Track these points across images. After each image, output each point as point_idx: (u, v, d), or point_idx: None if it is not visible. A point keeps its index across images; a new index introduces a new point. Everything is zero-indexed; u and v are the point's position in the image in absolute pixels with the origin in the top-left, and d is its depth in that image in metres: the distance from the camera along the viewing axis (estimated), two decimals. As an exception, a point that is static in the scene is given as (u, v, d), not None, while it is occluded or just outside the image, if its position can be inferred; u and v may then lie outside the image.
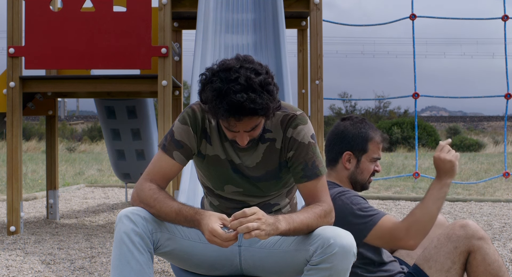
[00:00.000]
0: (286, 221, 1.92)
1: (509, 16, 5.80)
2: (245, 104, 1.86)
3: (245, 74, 1.89)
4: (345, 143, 2.45)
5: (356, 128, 2.46)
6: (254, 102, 1.87)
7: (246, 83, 1.87)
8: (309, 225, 1.97)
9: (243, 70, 1.90)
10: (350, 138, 2.44)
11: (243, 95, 1.86)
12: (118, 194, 8.00)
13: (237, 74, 1.89)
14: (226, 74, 1.90)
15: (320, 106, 4.69)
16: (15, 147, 4.71)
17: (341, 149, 2.45)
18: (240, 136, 1.99)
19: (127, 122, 5.97)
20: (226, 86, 1.87)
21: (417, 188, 8.46)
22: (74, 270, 3.55)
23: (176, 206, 1.98)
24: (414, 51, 5.88)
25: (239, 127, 1.96)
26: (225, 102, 1.86)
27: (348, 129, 2.46)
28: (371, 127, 2.48)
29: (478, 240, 2.27)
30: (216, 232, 1.86)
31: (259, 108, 1.88)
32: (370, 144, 2.45)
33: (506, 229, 5.00)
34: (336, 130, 2.49)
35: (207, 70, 1.96)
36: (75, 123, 30.89)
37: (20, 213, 4.70)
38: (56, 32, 4.66)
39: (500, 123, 34.31)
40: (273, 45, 4.62)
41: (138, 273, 1.94)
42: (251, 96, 1.87)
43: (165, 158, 2.10)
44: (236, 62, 1.93)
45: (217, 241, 1.86)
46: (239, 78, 1.88)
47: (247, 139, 2.00)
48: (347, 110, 32.30)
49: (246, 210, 1.86)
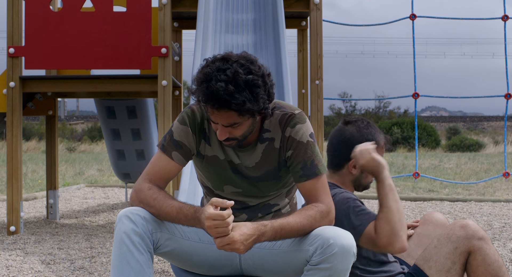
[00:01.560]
0: (273, 231, 1.93)
1: (509, 16, 5.80)
2: (220, 94, 1.88)
3: (235, 69, 1.91)
4: (352, 150, 2.39)
5: (362, 135, 2.41)
6: (231, 95, 1.89)
7: (232, 76, 1.90)
8: (300, 229, 1.97)
9: (236, 64, 1.93)
10: (357, 145, 2.40)
11: (222, 85, 1.88)
12: (118, 194, 8.00)
13: (228, 65, 1.92)
14: (220, 63, 1.94)
15: (320, 106, 4.69)
16: (15, 147, 4.71)
17: (348, 156, 2.40)
18: (219, 129, 2.01)
19: (127, 122, 5.96)
20: (214, 74, 1.91)
21: (417, 188, 8.46)
22: (74, 270, 3.55)
23: (177, 205, 1.98)
24: (414, 51, 5.88)
25: (217, 119, 1.97)
26: (205, 86, 1.90)
27: (355, 136, 2.41)
28: (376, 132, 2.44)
29: (478, 240, 2.27)
30: (214, 214, 1.84)
31: (234, 103, 1.90)
32: (376, 150, 2.43)
33: (506, 229, 5.00)
34: (342, 137, 2.43)
35: (212, 57, 2.00)
36: (75, 123, 30.89)
37: (20, 213, 4.70)
38: (56, 32, 4.66)
39: (500, 123, 34.31)
40: (273, 45, 4.62)
41: (138, 273, 1.94)
42: (230, 88, 1.89)
43: (164, 158, 2.10)
44: (236, 56, 1.96)
45: (220, 223, 1.85)
46: (227, 70, 1.91)
47: (226, 135, 2.01)
48: (347, 110, 32.29)
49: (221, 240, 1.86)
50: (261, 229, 1.91)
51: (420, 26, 6.92)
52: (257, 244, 2.07)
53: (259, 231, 1.90)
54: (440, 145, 23.24)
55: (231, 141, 2.05)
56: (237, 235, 1.86)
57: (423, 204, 6.82)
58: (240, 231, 1.87)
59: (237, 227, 1.88)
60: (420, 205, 6.77)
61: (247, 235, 1.87)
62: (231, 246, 1.86)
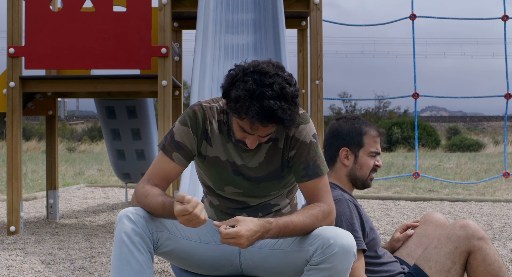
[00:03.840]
0: (277, 228, 1.93)
1: (509, 16, 5.80)
2: (277, 112, 1.87)
3: (280, 83, 1.90)
4: (341, 140, 2.45)
5: (349, 124, 2.47)
6: (285, 112, 1.89)
7: (280, 91, 1.89)
8: (303, 228, 1.97)
9: (278, 78, 1.91)
10: (344, 134, 2.45)
11: (277, 103, 1.87)
12: (118, 194, 8.00)
13: (271, 80, 1.90)
14: (260, 77, 1.90)
15: (320, 106, 4.69)
16: (15, 147, 4.71)
17: (337, 146, 2.46)
18: (253, 139, 2.00)
19: (127, 122, 5.96)
20: (260, 90, 1.88)
21: (417, 188, 8.46)
22: (74, 270, 3.54)
23: (161, 200, 1.96)
24: (414, 51, 5.88)
25: (258, 131, 1.96)
26: (258, 105, 1.87)
27: (342, 126, 2.48)
28: (364, 122, 2.49)
29: (478, 240, 2.27)
30: (180, 210, 1.81)
31: (288, 119, 1.90)
32: (365, 137, 2.45)
33: (506, 229, 4.99)
34: (331, 130, 2.51)
35: (237, 67, 1.96)
36: (75, 123, 30.89)
37: (20, 213, 4.70)
38: (56, 32, 4.66)
39: (500, 123, 34.31)
40: (273, 45, 4.62)
41: (138, 273, 1.94)
42: (284, 105, 1.89)
43: (164, 159, 2.10)
44: (271, 67, 1.93)
45: (189, 217, 1.82)
46: (273, 85, 1.89)
47: (257, 142, 2.02)
48: (347, 110, 32.29)
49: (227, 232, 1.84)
50: (266, 226, 1.91)
51: (420, 26, 6.92)
52: (257, 244, 2.07)
53: (264, 228, 1.91)
54: (440, 145, 23.25)
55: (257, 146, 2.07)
56: (244, 230, 1.85)
57: (423, 204, 6.82)
58: (247, 226, 1.86)
59: (244, 222, 1.88)
60: (420, 205, 6.77)
61: (253, 231, 1.87)
62: (236, 240, 1.85)
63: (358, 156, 2.45)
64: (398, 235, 2.64)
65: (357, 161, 2.45)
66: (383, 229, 4.99)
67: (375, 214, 5.93)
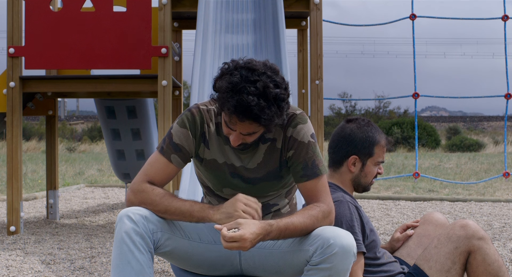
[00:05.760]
0: (278, 230, 1.93)
1: (509, 16, 5.80)
2: (252, 108, 1.88)
3: (265, 82, 1.90)
4: (352, 147, 2.42)
5: (363, 132, 2.43)
6: (262, 110, 1.89)
7: (262, 90, 1.89)
8: (303, 229, 1.97)
9: (265, 77, 1.92)
10: (357, 142, 2.42)
11: (254, 99, 1.88)
12: (118, 194, 8.00)
13: (257, 77, 1.91)
14: (247, 73, 1.92)
15: (320, 106, 4.69)
16: (15, 147, 4.71)
17: (348, 152, 2.42)
18: (235, 136, 2.00)
19: (127, 122, 5.96)
20: (243, 84, 1.89)
21: (417, 188, 8.46)
22: (74, 270, 3.55)
23: (188, 202, 2.02)
24: (414, 51, 5.88)
25: (238, 127, 1.97)
26: (235, 98, 1.88)
27: (355, 133, 2.43)
28: (377, 131, 2.45)
29: (478, 240, 2.27)
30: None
31: (264, 118, 1.90)
32: (376, 148, 2.43)
33: (506, 229, 4.99)
34: (343, 133, 2.45)
35: (231, 62, 1.98)
36: (75, 123, 30.89)
37: (20, 213, 4.70)
38: (56, 32, 4.65)
39: (500, 123, 34.30)
40: (273, 45, 4.62)
41: (138, 273, 1.94)
42: (261, 103, 1.89)
43: (162, 160, 2.10)
44: (262, 66, 1.95)
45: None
46: (257, 82, 1.90)
47: (240, 141, 2.02)
48: (347, 110, 32.29)
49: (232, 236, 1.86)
50: (268, 229, 1.92)
51: (420, 26, 6.92)
52: (257, 244, 2.07)
53: (266, 231, 1.91)
54: (440, 145, 23.25)
55: (242, 145, 2.06)
56: (248, 234, 1.86)
57: (423, 204, 6.82)
58: (250, 230, 1.87)
59: (247, 225, 1.88)
60: (420, 205, 6.77)
61: (256, 234, 1.88)
62: (241, 244, 1.85)
63: (366, 164, 2.43)
64: (398, 235, 2.64)
65: (363, 169, 2.44)
66: (383, 229, 4.99)
67: (375, 214, 5.93)
